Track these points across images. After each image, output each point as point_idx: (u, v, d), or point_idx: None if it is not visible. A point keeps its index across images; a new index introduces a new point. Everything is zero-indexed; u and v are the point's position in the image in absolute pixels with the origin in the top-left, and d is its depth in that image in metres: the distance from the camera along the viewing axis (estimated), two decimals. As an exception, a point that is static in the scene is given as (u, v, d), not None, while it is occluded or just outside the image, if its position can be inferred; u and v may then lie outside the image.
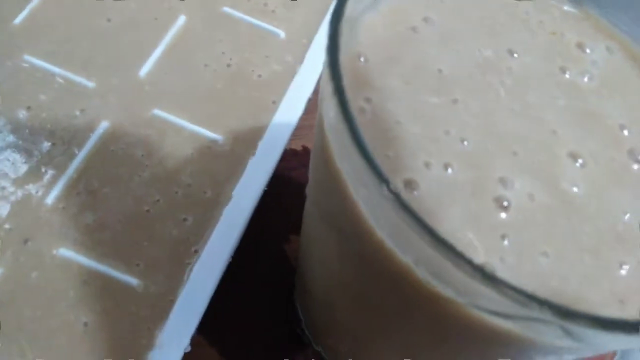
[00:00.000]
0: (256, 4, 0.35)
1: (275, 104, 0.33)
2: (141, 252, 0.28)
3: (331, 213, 0.18)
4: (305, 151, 0.34)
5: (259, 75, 0.33)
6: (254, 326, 0.30)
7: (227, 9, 0.35)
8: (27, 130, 0.30)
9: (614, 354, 0.31)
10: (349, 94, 0.15)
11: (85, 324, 0.26)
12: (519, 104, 0.17)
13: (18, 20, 0.33)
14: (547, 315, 0.12)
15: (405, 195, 0.15)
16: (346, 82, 0.15)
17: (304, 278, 0.27)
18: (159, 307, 0.26)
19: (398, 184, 0.15)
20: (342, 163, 0.16)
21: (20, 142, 0.30)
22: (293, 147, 0.33)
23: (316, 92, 0.34)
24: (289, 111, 0.33)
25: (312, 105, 0.33)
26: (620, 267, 0.16)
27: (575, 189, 0.16)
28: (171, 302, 0.26)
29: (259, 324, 0.30)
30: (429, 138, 0.16)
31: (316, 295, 0.26)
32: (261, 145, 0.31)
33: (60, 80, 0.32)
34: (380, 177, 0.12)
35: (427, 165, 0.16)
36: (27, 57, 0.32)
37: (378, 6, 0.17)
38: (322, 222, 0.20)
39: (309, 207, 0.23)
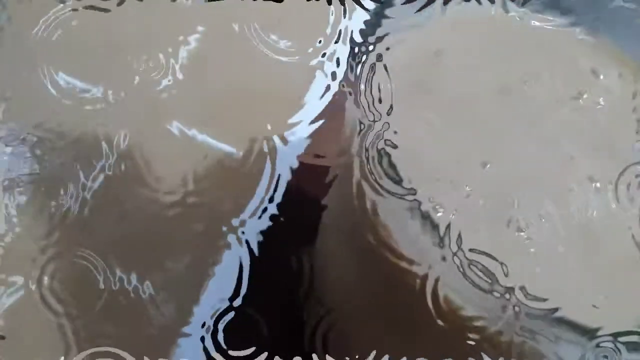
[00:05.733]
0: (271, 20, 0.36)
1: (289, 117, 0.33)
2: (159, 263, 0.28)
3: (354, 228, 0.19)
4: (320, 164, 0.34)
5: (274, 90, 0.34)
6: (267, 337, 0.31)
7: (241, 25, 0.36)
8: (44, 143, 0.31)
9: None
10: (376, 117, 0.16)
11: (107, 334, 0.27)
12: (536, 128, 0.18)
13: (35, 32, 0.34)
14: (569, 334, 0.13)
15: (432, 214, 0.16)
16: (372, 105, 0.16)
17: (319, 291, 0.27)
18: (176, 317, 0.27)
19: (425, 204, 0.16)
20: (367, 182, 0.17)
21: (38, 154, 0.30)
22: (307, 160, 0.33)
23: (328, 106, 0.34)
24: (303, 125, 0.33)
25: (325, 119, 0.34)
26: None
27: (590, 211, 0.17)
28: (188, 312, 0.27)
29: (271, 334, 0.31)
30: (453, 161, 0.17)
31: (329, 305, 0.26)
32: (279, 158, 0.32)
33: (78, 93, 0.33)
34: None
35: (451, 186, 0.17)
36: (44, 69, 0.33)
37: (402, 32, 0.18)
38: (342, 236, 0.21)
39: (328, 221, 0.24)
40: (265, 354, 0.22)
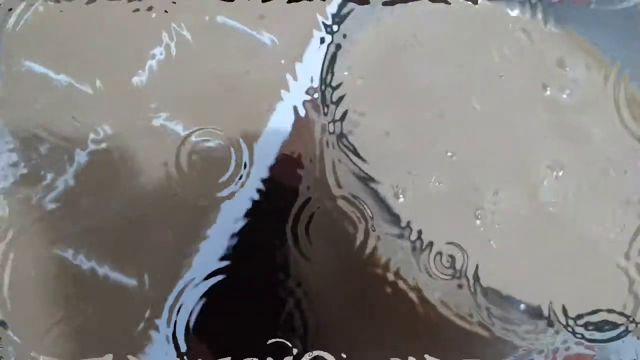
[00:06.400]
0: (251, 13, 0.36)
1: (269, 111, 0.34)
2: (137, 254, 0.28)
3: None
4: (299, 156, 0.35)
5: (253, 83, 0.34)
6: (246, 328, 0.31)
7: (221, 18, 0.36)
8: (25, 135, 0.31)
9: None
10: (344, 107, 0.16)
11: (81, 322, 0.27)
12: (502, 118, 0.18)
13: (16, 24, 0.34)
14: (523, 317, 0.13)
15: (391, 201, 0.16)
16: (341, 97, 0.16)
17: (298, 279, 0.28)
18: (154, 306, 0.27)
19: (387, 191, 0.16)
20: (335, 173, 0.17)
21: (18, 145, 0.30)
22: (286, 152, 0.34)
23: (308, 100, 0.35)
24: (283, 118, 0.34)
25: (305, 111, 0.34)
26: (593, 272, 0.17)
27: (553, 199, 0.18)
28: (166, 301, 0.27)
29: (251, 325, 0.31)
30: (417, 150, 0.17)
31: (314, 299, 0.26)
32: (255, 150, 0.32)
33: (59, 86, 0.33)
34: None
35: (414, 175, 0.17)
36: (26, 62, 0.33)
37: (370, 25, 0.19)
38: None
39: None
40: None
